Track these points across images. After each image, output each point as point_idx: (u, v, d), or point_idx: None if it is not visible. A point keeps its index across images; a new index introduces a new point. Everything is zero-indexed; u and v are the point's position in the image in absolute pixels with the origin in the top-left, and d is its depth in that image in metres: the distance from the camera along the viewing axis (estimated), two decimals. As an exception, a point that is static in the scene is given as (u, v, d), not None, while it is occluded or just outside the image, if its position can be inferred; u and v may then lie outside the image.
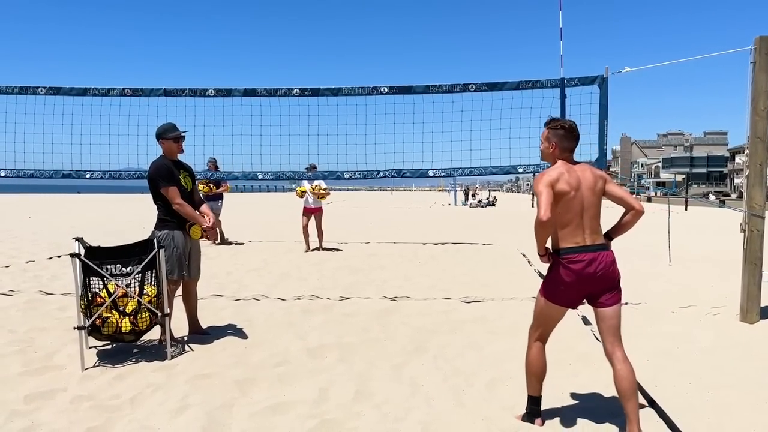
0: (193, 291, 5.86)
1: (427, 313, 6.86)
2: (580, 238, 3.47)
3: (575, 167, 3.57)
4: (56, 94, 7.17)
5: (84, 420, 3.87)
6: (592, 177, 3.55)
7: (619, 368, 3.45)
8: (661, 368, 4.87)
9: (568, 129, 3.59)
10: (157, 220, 5.53)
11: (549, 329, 3.73)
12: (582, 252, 3.45)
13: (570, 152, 3.62)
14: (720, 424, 3.78)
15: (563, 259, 3.46)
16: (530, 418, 3.74)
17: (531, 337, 3.76)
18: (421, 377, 4.70)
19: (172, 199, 5.38)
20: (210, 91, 7.07)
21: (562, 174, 3.48)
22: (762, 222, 6.41)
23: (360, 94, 6.97)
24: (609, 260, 3.51)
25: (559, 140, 3.59)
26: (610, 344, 3.51)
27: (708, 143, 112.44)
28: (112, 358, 5.16)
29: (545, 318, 3.68)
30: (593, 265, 3.44)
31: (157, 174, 5.43)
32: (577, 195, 3.46)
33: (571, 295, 3.52)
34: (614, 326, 3.52)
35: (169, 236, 5.43)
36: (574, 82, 6.69)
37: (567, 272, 3.45)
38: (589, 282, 3.46)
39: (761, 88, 6.34)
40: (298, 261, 11.25)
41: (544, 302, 3.62)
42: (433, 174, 6.92)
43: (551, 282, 3.56)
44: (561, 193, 3.43)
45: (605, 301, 3.51)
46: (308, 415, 3.97)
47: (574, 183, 3.47)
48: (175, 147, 5.58)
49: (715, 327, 6.24)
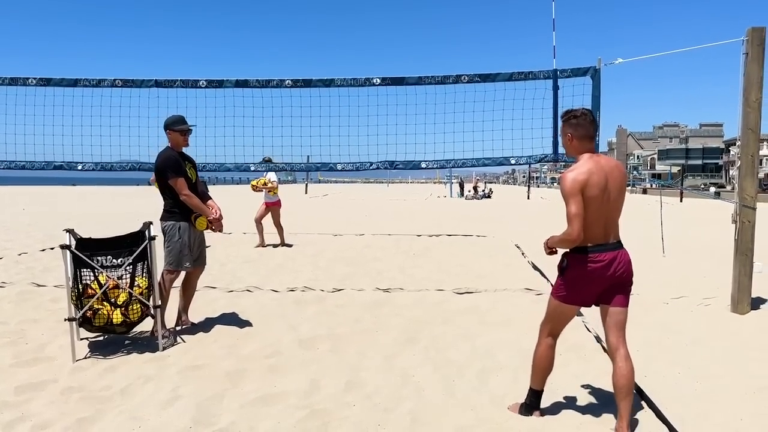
0: (194, 283, 5.88)
1: (420, 304, 6.87)
2: (602, 236, 3.38)
3: (602, 162, 3.41)
4: (47, 85, 7.13)
5: (74, 411, 3.87)
6: (620, 177, 3.44)
7: (620, 365, 3.41)
8: (651, 358, 4.88)
9: (579, 116, 3.46)
10: (164, 211, 5.55)
11: (561, 327, 3.68)
12: (604, 251, 3.37)
13: (590, 140, 3.47)
14: (707, 414, 3.80)
15: (584, 258, 3.36)
16: (528, 410, 3.73)
17: (542, 333, 3.70)
18: (412, 368, 4.71)
19: (180, 191, 5.39)
20: (201, 82, 7.04)
21: (591, 174, 3.32)
22: (753, 213, 6.43)
23: (352, 85, 6.94)
24: (627, 259, 3.45)
25: (573, 130, 3.46)
26: (615, 339, 3.46)
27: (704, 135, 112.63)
28: (103, 349, 5.15)
29: (558, 315, 3.61)
30: (614, 264, 3.37)
31: (165, 165, 5.43)
32: (605, 195, 3.34)
33: (589, 294, 3.46)
34: (621, 322, 3.47)
35: (175, 227, 5.46)
36: (566, 74, 6.67)
37: (588, 271, 3.37)
38: (607, 281, 3.39)
39: (753, 80, 6.34)
40: (293, 253, 11.24)
41: (558, 302, 3.55)
42: (425, 166, 6.91)
43: (569, 280, 3.46)
44: (589, 195, 3.29)
45: (618, 299, 3.46)
46: (298, 405, 3.98)
47: (602, 182, 3.33)
48: (181, 139, 5.59)
49: (706, 317, 6.27)
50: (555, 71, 6.65)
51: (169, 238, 5.50)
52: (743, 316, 6.33)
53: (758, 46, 6.32)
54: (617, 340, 3.48)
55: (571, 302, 3.51)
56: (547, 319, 3.69)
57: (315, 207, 29.73)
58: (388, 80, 6.89)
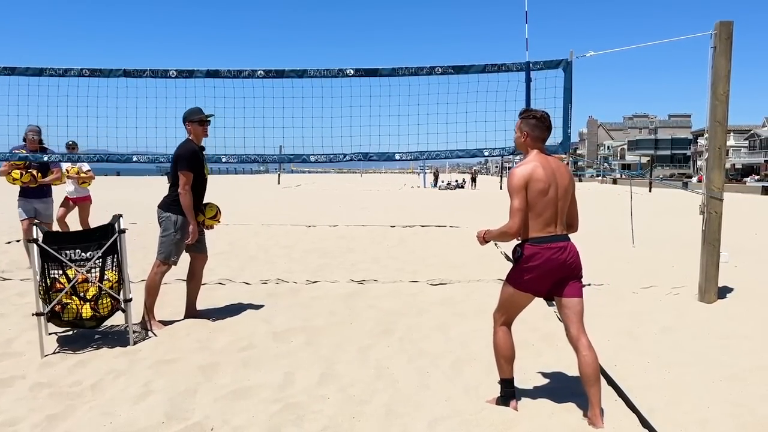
0: (198, 272, 5.86)
1: (395, 295, 6.88)
2: (552, 227, 3.51)
3: (550, 160, 3.60)
4: (11, 74, 6.93)
5: (43, 407, 3.80)
6: (567, 174, 3.62)
7: (584, 354, 3.50)
8: (621, 348, 4.96)
9: (539, 119, 3.61)
10: (165, 199, 5.53)
11: (514, 315, 3.77)
12: (555, 241, 3.50)
13: (542, 142, 3.64)
14: (677, 402, 3.88)
15: (537, 247, 3.48)
16: (505, 401, 3.77)
17: (496, 322, 3.78)
18: (386, 359, 4.72)
19: (182, 185, 5.38)
20: (171, 72, 6.90)
21: (536, 168, 3.49)
22: (720, 204, 6.55)
23: (326, 76, 6.88)
24: (575, 250, 3.58)
25: (530, 129, 3.61)
26: (576, 330, 3.56)
27: (672, 126, 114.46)
28: (73, 344, 5.07)
29: (511, 304, 3.70)
30: (564, 253, 3.50)
31: (183, 155, 5.44)
32: (552, 187, 3.48)
33: (541, 283, 3.54)
34: (578, 312, 3.57)
35: (170, 220, 5.45)
36: (539, 66, 6.70)
37: (539, 260, 3.47)
38: (559, 270, 3.50)
39: (721, 73, 6.45)
40: (267, 244, 11.16)
41: (513, 290, 3.63)
42: (399, 157, 6.90)
43: (521, 270, 3.55)
44: (537, 188, 3.45)
45: (571, 289, 3.56)
46: (272, 399, 3.96)
47: (549, 176, 3.49)
48: (200, 130, 5.59)
49: (674, 307, 6.38)
50: (528, 63, 6.68)
51: (163, 230, 5.50)
52: (710, 305, 6.46)
53: (726, 40, 6.42)
54: (577, 330, 3.57)
55: (524, 289, 3.60)
56: (500, 307, 3.77)
57: (288, 197, 29.59)
58: (362, 71, 6.84)
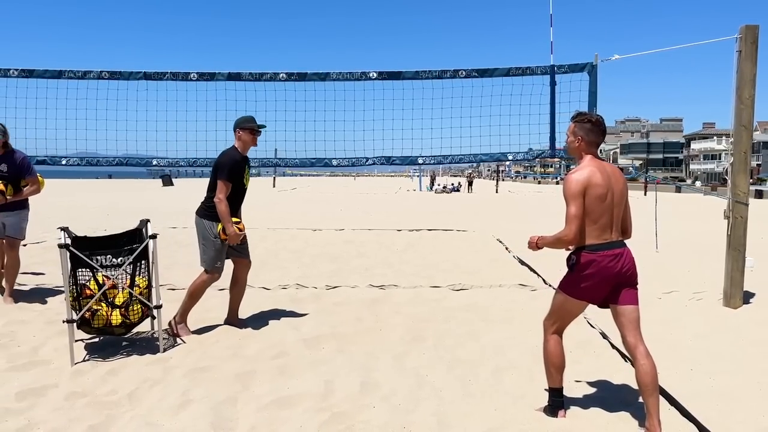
0: (242, 278, 5.75)
1: (419, 301, 6.81)
2: (608, 234, 3.45)
3: (605, 165, 3.55)
4: (29, 77, 6.82)
5: (83, 417, 3.72)
6: (622, 179, 3.57)
7: (642, 363, 3.44)
8: (659, 355, 4.85)
9: (595, 123, 3.56)
10: (203, 206, 5.45)
11: (567, 322, 3.72)
12: (611, 248, 3.44)
13: (596, 146, 3.59)
14: (730, 411, 3.83)
15: (594, 254, 3.42)
16: (553, 410, 3.71)
17: (547, 330, 3.72)
18: (423, 368, 4.65)
19: (218, 193, 5.26)
20: (193, 75, 6.82)
21: (593, 173, 3.43)
22: (746, 209, 6.53)
23: (348, 79, 6.81)
24: (631, 257, 3.53)
25: (585, 134, 3.56)
26: (633, 338, 3.50)
27: (664, 129, 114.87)
28: (101, 351, 4.97)
29: (565, 312, 3.65)
30: (621, 260, 3.44)
31: (224, 163, 5.32)
32: (608, 192, 3.43)
33: (596, 291, 3.49)
34: (635, 320, 3.51)
35: (210, 228, 5.33)
36: (564, 69, 6.68)
37: (596, 268, 3.42)
38: (615, 278, 3.45)
39: (747, 77, 6.43)
40: (275, 248, 11.07)
41: (567, 297, 3.58)
42: (422, 161, 6.85)
43: (577, 278, 3.50)
44: (595, 193, 3.39)
45: (627, 297, 3.50)
46: (317, 408, 3.89)
47: (606, 182, 3.43)
48: (250, 139, 5.48)
49: (701, 312, 6.35)
50: (552, 67, 6.65)
51: (202, 237, 5.40)
52: (736, 310, 6.43)
53: (751, 44, 6.42)
54: (635, 338, 3.51)
55: (578, 297, 3.54)
56: (552, 315, 3.70)
57: (286, 201, 29.49)
58: (385, 74, 6.78)
